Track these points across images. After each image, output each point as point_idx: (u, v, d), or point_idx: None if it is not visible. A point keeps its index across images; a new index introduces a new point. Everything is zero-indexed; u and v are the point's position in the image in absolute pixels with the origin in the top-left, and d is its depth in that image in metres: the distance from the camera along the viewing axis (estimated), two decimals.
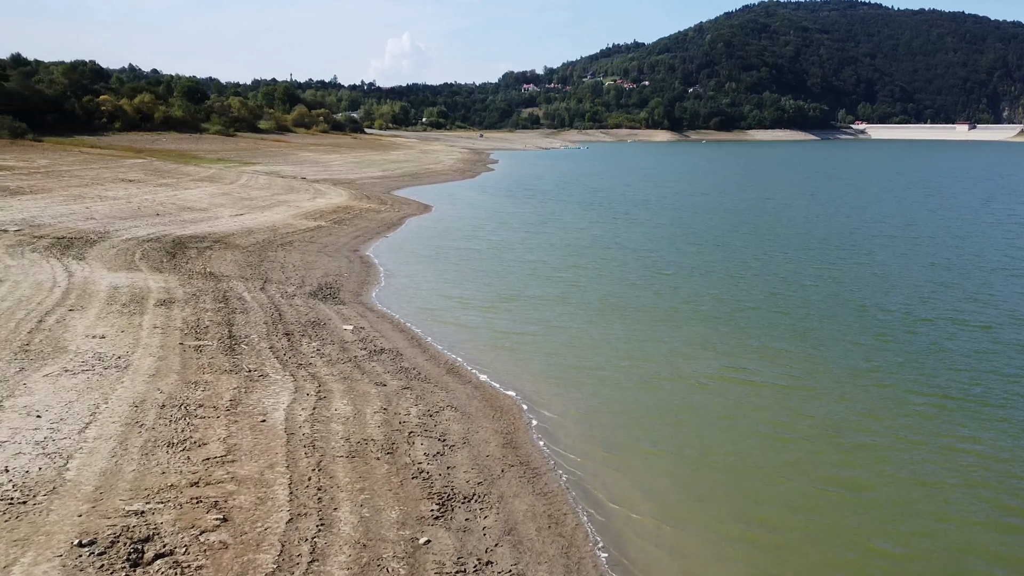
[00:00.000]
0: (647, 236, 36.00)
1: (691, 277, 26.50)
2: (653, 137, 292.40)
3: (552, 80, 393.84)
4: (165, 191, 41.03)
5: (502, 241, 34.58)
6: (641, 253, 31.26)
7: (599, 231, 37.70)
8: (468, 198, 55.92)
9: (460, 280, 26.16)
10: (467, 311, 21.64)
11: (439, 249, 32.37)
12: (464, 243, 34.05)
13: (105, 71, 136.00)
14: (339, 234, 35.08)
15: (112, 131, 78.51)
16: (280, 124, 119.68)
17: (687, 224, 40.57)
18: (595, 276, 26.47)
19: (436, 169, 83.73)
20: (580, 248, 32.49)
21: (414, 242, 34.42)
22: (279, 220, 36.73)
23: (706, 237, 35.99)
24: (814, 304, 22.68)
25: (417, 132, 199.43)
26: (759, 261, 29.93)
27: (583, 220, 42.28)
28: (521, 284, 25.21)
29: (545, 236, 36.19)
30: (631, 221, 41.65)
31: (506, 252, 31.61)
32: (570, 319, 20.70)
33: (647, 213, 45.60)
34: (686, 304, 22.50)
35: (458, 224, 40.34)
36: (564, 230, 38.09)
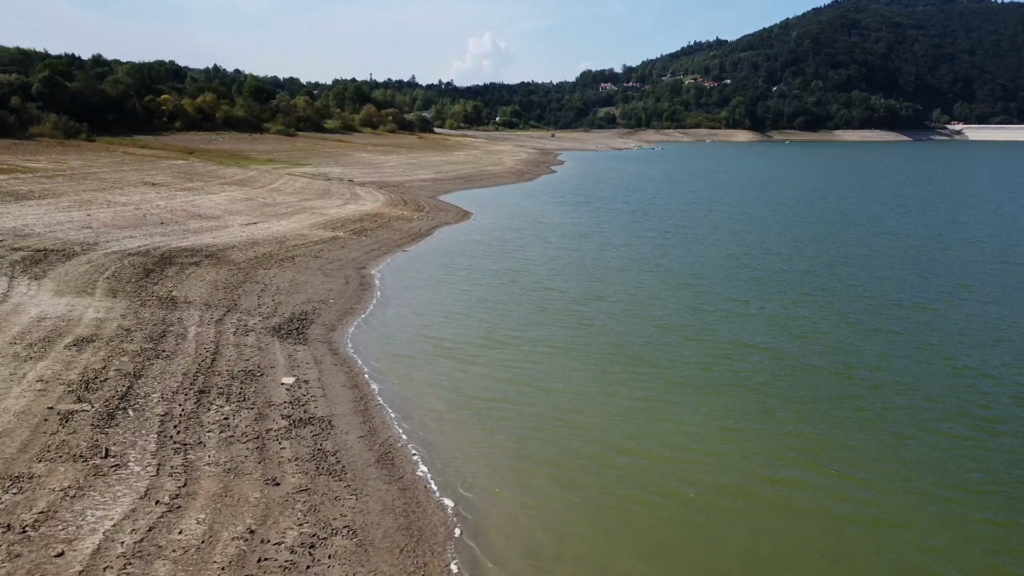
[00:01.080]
0: (698, 257, 31.11)
1: (737, 318, 21.66)
2: (733, 137, 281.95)
3: (630, 79, 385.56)
4: (185, 196, 38.53)
5: (529, 259, 30.39)
6: (684, 281, 26.45)
7: (644, 249, 33.01)
8: (516, 204, 51.89)
9: (458, 312, 22.14)
10: (447, 359, 17.58)
11: (454, 269, 28.45)
12: (486, 261, 30.04)
13: (183, 71, 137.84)
14: (353, 247, 31.64)
15: (171, 130, 77.95)
16: (346, 124, 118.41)
17: (750, 242, 35.39)
18: (617, 313, 21.88)
19: (494, 171, 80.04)
20: (612, 272, 27.92)
21: (432, 258, 30.62)
22: (292, 230, 33.59)
23: (770, 260, 30.82)
24: (902, 369, 17.65)
25: (488, 132, 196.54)
26: (829, 296, 24.81)
27: (630, 234, 37.62)
28: (525, 322, 20.97)
29: (579, 254, 31.81)
30: (685, 236, 36.74)
31: (527, 274, 27.41)
32: (567, 379, 16.31)
33: (707, 226, 40.53)
34: (723, 358, 17.78)
35: (490, 237, 36.36)
36: (604, 247, 33.58)
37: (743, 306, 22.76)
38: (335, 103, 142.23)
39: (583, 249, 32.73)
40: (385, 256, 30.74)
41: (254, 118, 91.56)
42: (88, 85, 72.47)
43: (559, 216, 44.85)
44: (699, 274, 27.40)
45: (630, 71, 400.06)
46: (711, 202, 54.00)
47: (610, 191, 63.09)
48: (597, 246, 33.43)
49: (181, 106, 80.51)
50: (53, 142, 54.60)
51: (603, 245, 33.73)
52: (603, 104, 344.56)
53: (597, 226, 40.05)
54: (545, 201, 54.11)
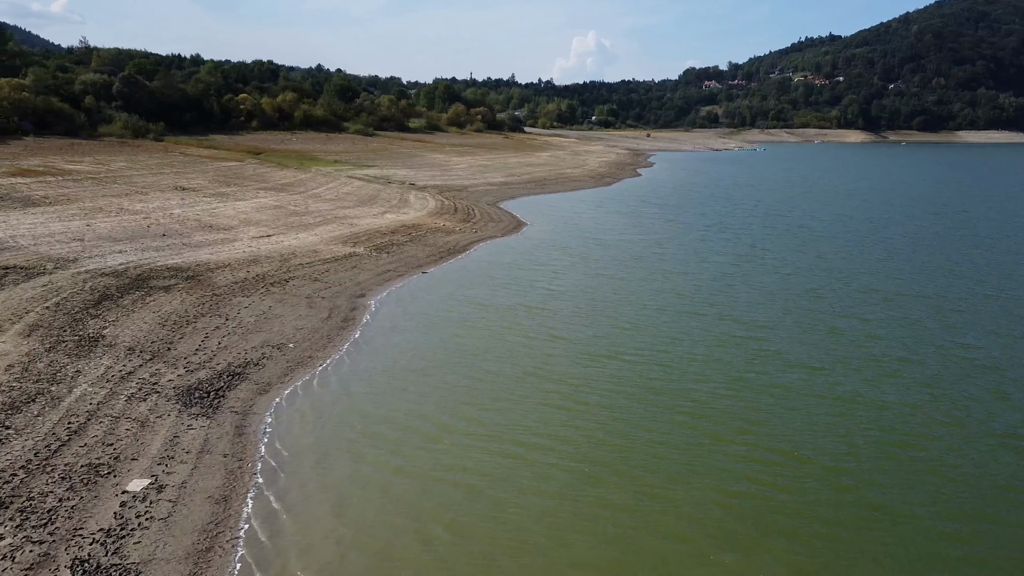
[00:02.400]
0: (767, 295, 25.16)
1: (810, 409, 16.03)
2: (844, 138, 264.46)
3: (736, 76, 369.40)
4: (208, 203, 35.56)
5: (555, 292, 25.31)
6: (737, 333, 20.74)
7: (700, 279, 27.24)
8: (580, 213, 46.69)
9: (431, 372, 17.48)
10: (376, 460, 12.94)
11: (463, 302, 23.78)
12: (504, 293, 25.20)
13: (281, 70, 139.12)
14: (366, 267, 27.52)
15: (248, 130, 76.84)
16: (431, 123, 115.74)
17: (842, 274, 29.04)
18: (628, 387, 16.46)
19: (572, 175, 74.85)
20: (647, 313, 22.40)
21: (447, 285, 26.04)
22: (307, 245, 29.83)
23: (863, 306, 24.60)
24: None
25: (582, 131, 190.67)
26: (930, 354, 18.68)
27: (692, 256, 31.88)
28: (503, 395, 16.05)
29: (619, 284, 26.46)
30: (758, 263, 30.67)
31: (541, 314, 22.41)
32: (524, 508, 11.35)
33: (790, 247, 34.22)
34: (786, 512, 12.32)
35: (528, 257, 31.51)
36: (653, 274, 28.04)
37: (821, 384, 17.01)
38: (424, 102, 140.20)
39: (627, 277, 27.31)
40: (397, 280, 26.44)
41: (335, 117, 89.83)
42: (168, 84, 72.08)
43: (620, 229, 39.42)
44: (762, 323, 21.54)
45: (736, 68, 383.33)
46: (803, 215, 47.05)
47: (691, 199, 56.80)
48: (646, 273, 27.90)
49: (259, 106, 79.36)
50: (115, 142, 53.47)
51: (653, 272, 28.16)
52: (705, 103, 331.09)
53: (658, 244, 34.42)
54: (613, 210, 48.64)
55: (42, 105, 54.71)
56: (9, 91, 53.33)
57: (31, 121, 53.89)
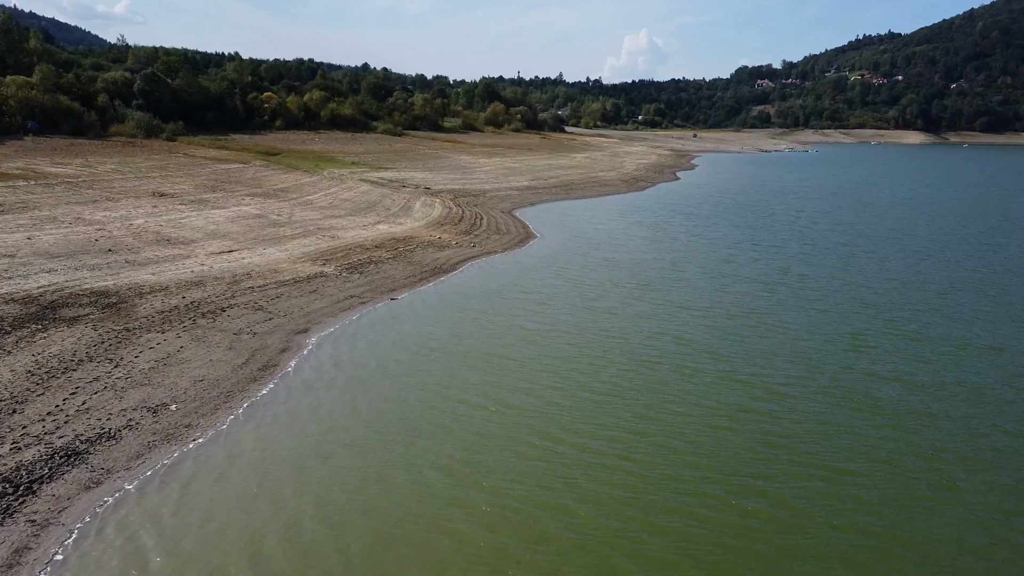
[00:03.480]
0: (785, 346, 20.34)
1: (815, 533, 11.49)
2: (902, 139, 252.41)
3: (790, 75, 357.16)
4: (180, 213, 32.21)
5: (529, 333, 20.91)
6: (738, 410, 16.05)
7: (711, 321, 22.42)
8: (600, 224, 42.15)
9: (325, 460, 13.41)
10: None
11: (413, 345, 19.59)
12: (468, 331, 21.00)
13: (321, 68, 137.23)
14: (325, 292, 23.67)
15: (271, 129, 74.13)
16: (467, 123, 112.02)
17: (887, 311, 24.05)
18: (575, 495, 12.17)
19: (604, 178, 70.13)
20: (629, 377, 17.50)
21: (406, 320, 21.86)
22: (270, 263, 26.13)
23: (910, 361, 19.73)
24: None
25: (626, 131, 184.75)
26: None
27: (711, 281, 27.13)
28: (407, 518, 11.87)
29: (608, 325, 21.96)
30: (786, 295, 25.76)
31: (501, 368, 18.09)
32: None
33: (826, 276, 29.19)
34: None
35: (520, 281, 27.23)
36: (656, 308, 23.44)
37: (856, 506, 12.39)
38: (464, 101, 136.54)
39: (622, 312, 22.72)
40: (357, 309, 22.48)
41: (363, 116, 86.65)
42: (190, 82, 69.72)
43: (637, 245, 34.82)
44: (779, 388, 16.68)
45: (790, 67, 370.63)
46: (850, 231, 41.63)
47: (725, 208, 51.64)
48: (647, 307, 23.21)
49: (285, 104, 76.54)
50: (120, 142, 50.93)
51: (656, 306, 23.47)
52: (758, 102, 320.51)
53: (673, 266, 29.70)
54: (637, 220, 43.91)
55: (50, 103, 52.50)
56: (16, 89, 51.22)
57: (39, 120, 51.75)
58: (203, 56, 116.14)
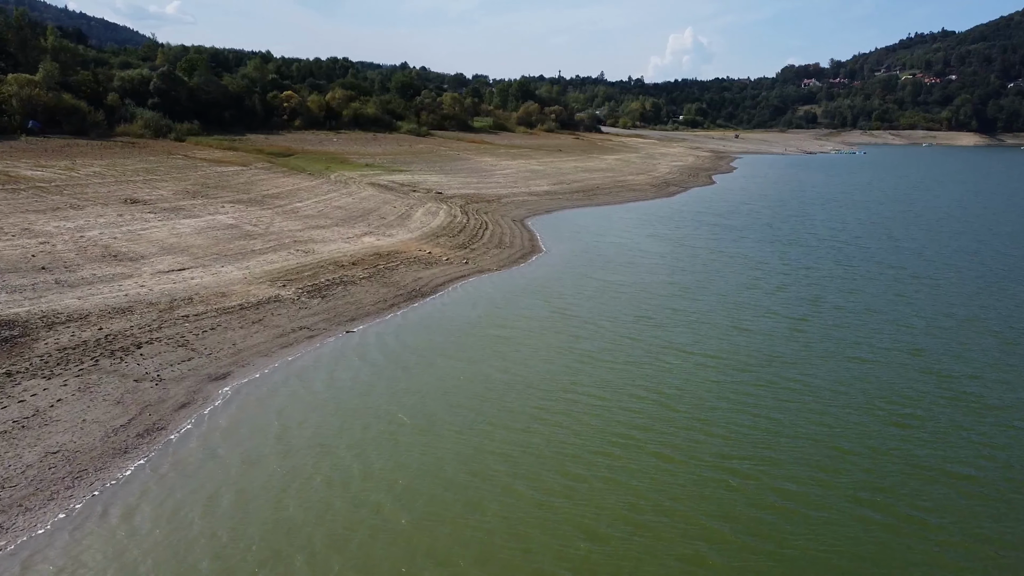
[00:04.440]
0: (808, 418, 16.15)
1: None
2: (955, 140, 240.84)
3: (838, 74, 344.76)
4: (145, 222, 29.20)
5: (486, 388, 17.08)
6: (735, 525, 12.15)
7: (717, 377, 18.13)
8: (613, 236, 38.07)
9: None
10: None
11: (344, 404, 16.05)
12: (418, 383, 17.35)
13: (355, 67, 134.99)
14: (274, 321, 20.27)
15: (290, 129, 71.51)
16: (498, 122, 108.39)
17: (942, 366, 19.66)
18: None
19: (632, 182, 65.76)
20: (597, 462, 13.45)
21: (351, 365, 18.20)
22: (222, 283, 22.84)
23: (970, 444, 15.49)
24: None
25: (666, 131, 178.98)
26: None
27: (719, 324, 22.85)
28: None
29: (587, 378, 18.01)
30: (816, 337, 21.46)
31: (436, 445, 14.43)
32: None
33: (867, 310, 24.71)
34: None
35: (503, 310, 23.44)
36: (645, 359, 19.29)
37: None
38: (498, 100, 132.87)
39: (611, 359, 18.67)
40: (301, 345, 19.00)
41: (388, 116, 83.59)
42: (208, 81, 67.40)
43: (649, 264, 30.73)
44: (797, 487, 12.74)
45: (838, 66, 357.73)
46: (898, 249, 36.81)
47: (760, 218, 47.00)
48: (641, 352, 19.08)
49: (305, 103, 73.85)
50: (120, 143, 48.57)
51: (651, 349, 19.33)
52: (804, 102, 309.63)
53: (685, 293, 25.52)
54: (657, 232, 39.67)
55: (53, 102, 50.40)
56: (18, 88, 49.17)
57: (41, 119, 49.68)
58: (236, 54, 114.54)
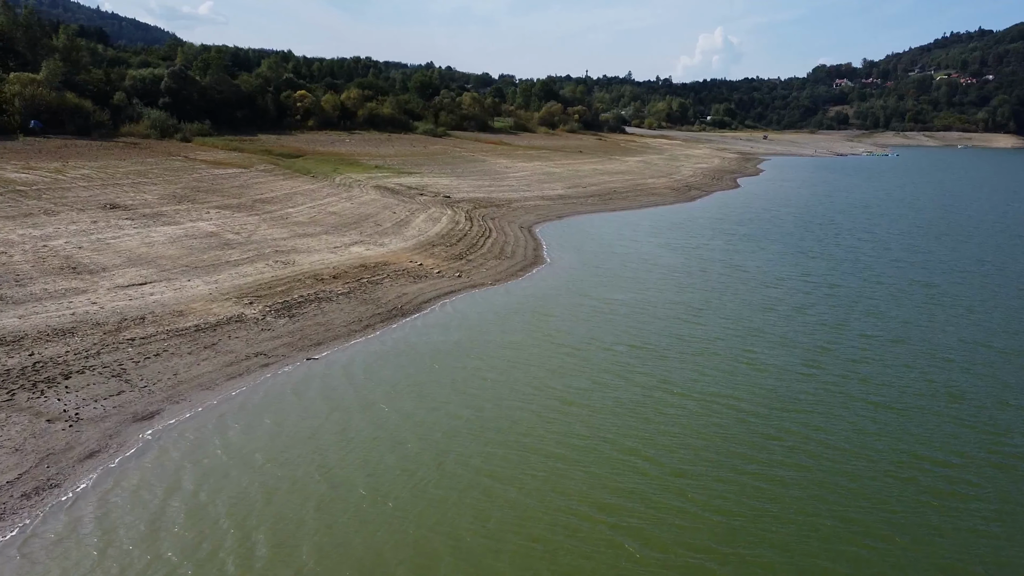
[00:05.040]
0: (819, 485, 13.57)
1: None
2: (992, 142, 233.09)
3: (871, 75, 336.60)
4: (119, 230, 27.35)
5: (435, 451, 14.89)
6: None
7: (711, 424, 15.67)
8: (624, 245, 35.54)
9: None
10: None
11: (267, 459, 13.84)
12: (362, 433, 15.09)
13: (377, 67, 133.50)
14: (228, 346, 18.20)
15: (303, 129, 69.87)
16: (519, 123, 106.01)
17: (966, 402, 16.90)
18: None
19: (652, 186, 62.97)
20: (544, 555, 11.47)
21: (297, 404, 16.05)
22: (183, 299, 20.82)
23: None
24: None
25: (692, 132, 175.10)
26: None
27: (722, 361, 20.27)
28: None
29: (554, 429, 15.58)
30: (840, 379, 18.67)
31: (359, 519, 12.17)
32: None
33: (896, 339, 21.92)
34: None
35: (489, 334, 21.12)
36: (626, 404, 16.83)
37: None
38: (521, 100, 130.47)
39: (591, 401, 16.20)
40: (249, 377, 16.86)
41: (404, 116, 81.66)
42: (220, 80, 65.98)
43: (657, 280, 28.17)
44: None
45: (871, 66, 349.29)
46: (930, 259, 33.77)
47: (783, 226, 44.05)
48: (629, 393, 16.50)
49: (319, 103, 72.16)
50: (120, 143, 47.13)
51: (644, 391, 16.74)
52: (835, 102, 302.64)
53: (692, 315, 22.89)
54: (671, 242, 37.04)
55: (56, 102, 49.11)
56: (20, 87, 47.94)
57: (43, 119, 48.43)
58: (257, 54, 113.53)
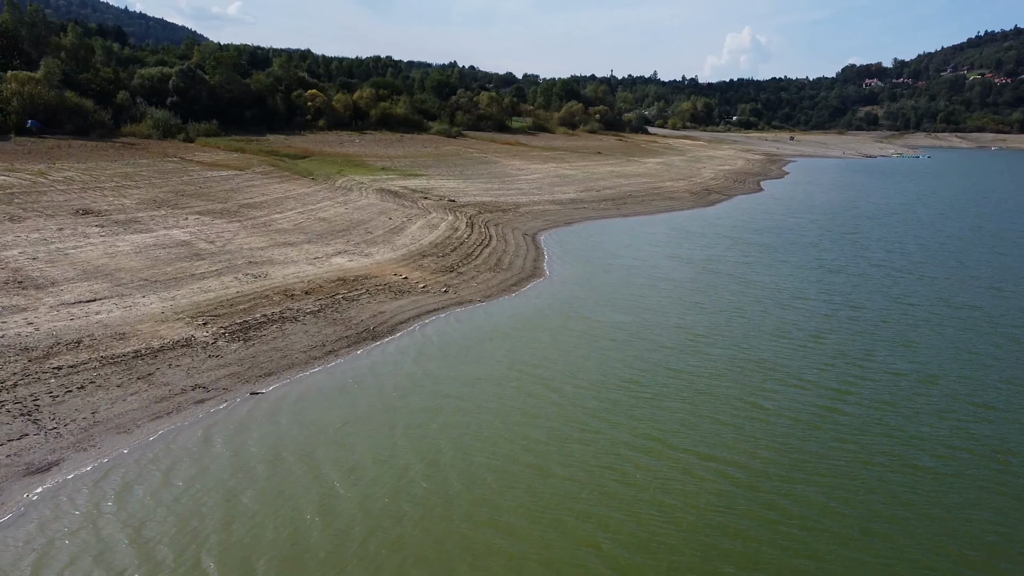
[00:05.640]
0: None
1: None
2: None
3: (902, 74, 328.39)
4: (84, 239, 25.41)
5: (367, 531, 12.54)
6: None
7: (704, 492, 13.04)
8: (632, 256, 32.97)
9: None
10: None
11: (162, 528, 11.55)
12: (269, 511, 12.77)
13: (392, 65, 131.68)
14: (166, 377, 16.06)
15: (313, 129, 68.03)
16: (538, 123, 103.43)
17: None
18: None
19: (670, 189, 60.13)
20: None
21: (210, 456, 13.83)
22: (129, 319, 18.72)
23: None
24: None
25: (717, 132, 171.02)
26: None
27: (723, 394, 17.56)
28: None
29: (508, 502, 13.18)
30: (848, 426, 16.03)
31: None
32: None
33: (923, 369, 19.07)
34: None
35: (463, 364, 18.73)
36: (599, 465, 14.42)
37: None
38: (541, 100, 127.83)
39: (564, 458, 13.68)
40: (178, 416, 14.66)
41: (419, 116, 79.52)
42: (229, 79, 64.34)
43: (662, 298, 25.56)
44: None
45: (901, 66, 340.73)
46: (965, 276, 30.71)
47: (807, 234, 41.09)
48: (611, 449, 13.94)
49: (330, 103, 70.25)
50: (116, 144, 45.51)
51: (627, 441, 14.24)
52: (865, 102, 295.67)
53: (694, 343, 20.23)
54: (682, 253, 34.35)
55: (54, 101, 47.67)
56: (18, 86, 46.53)
57: (41, 118, 47.00)
58: (277, 53, 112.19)
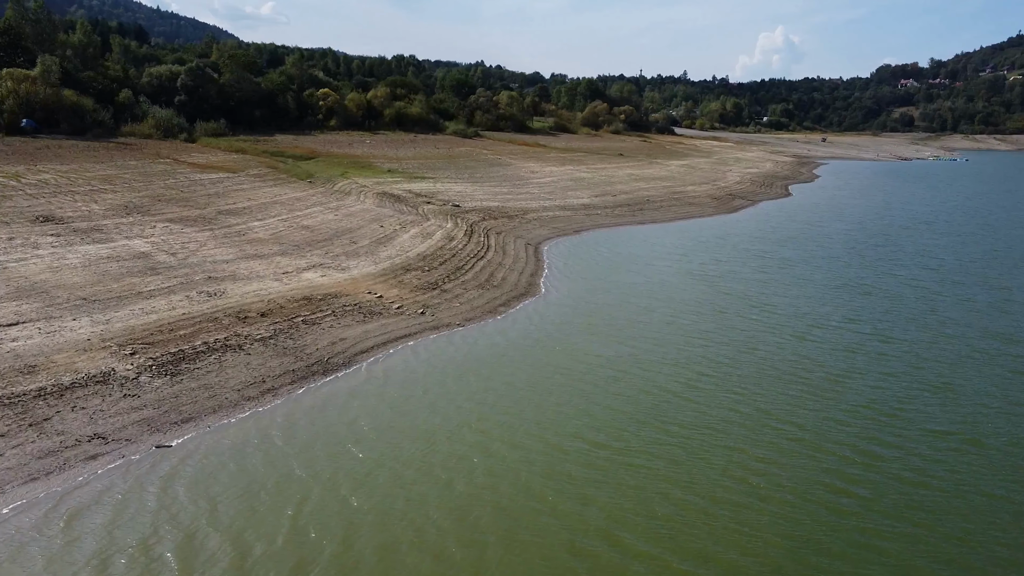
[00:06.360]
0: None
1: None
2: None
3: (938, 75, 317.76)
4: (25, 252, 23.23)
5: None
6: None
7: None
8: (639, 271, 29.99)
9: None
10: None
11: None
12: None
13: (414, 64, 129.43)
14: (63, 424, 13.66)
15: (324, 129, 65.91)
16: (560, 123, 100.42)
17: None
18: None
19: (691, 194, 56.79)
20: None
21: (77, 544, 11.25)
22: (47, 348, 16.37)
23: None
24: None
25: (747, 133, 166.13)
26: None
27: (715, 456, 14.46)
28: None
29: None
30: (876, 503, 13.08)
31: None
32: None
33: (963, 418, 15.90)
34: None
35: (429, 404, 16.02)
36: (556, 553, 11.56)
37: None
38: (565, 100, 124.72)
39: (517, 532, 11.06)
40: (53, 478, 12.23)
41: (435, 116, 77.06)
42: (240, 78, 62.45)
43: (662, 323, 22.58)
44: None
45: (938, 66, 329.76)
46: (1011, 298, 27.21)
47: (834, 245, 37.64)
48: (570, 546, 11.35)
49: (342, 103, 68.08)
50: (110, 144, 43.67)
51: (591, 535, 11.54)
52: (900, 103, 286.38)
53: (694, 384, 17.24)
54: (695, 268, 31.26)
55: (52, 99, 46.01)
56: (14, 84, 44.92)
57: (38, 118, 45.39)
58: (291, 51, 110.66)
